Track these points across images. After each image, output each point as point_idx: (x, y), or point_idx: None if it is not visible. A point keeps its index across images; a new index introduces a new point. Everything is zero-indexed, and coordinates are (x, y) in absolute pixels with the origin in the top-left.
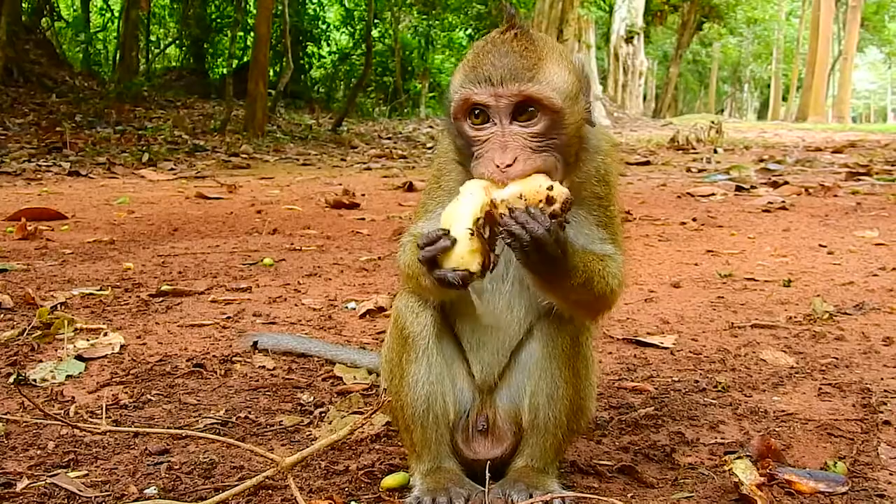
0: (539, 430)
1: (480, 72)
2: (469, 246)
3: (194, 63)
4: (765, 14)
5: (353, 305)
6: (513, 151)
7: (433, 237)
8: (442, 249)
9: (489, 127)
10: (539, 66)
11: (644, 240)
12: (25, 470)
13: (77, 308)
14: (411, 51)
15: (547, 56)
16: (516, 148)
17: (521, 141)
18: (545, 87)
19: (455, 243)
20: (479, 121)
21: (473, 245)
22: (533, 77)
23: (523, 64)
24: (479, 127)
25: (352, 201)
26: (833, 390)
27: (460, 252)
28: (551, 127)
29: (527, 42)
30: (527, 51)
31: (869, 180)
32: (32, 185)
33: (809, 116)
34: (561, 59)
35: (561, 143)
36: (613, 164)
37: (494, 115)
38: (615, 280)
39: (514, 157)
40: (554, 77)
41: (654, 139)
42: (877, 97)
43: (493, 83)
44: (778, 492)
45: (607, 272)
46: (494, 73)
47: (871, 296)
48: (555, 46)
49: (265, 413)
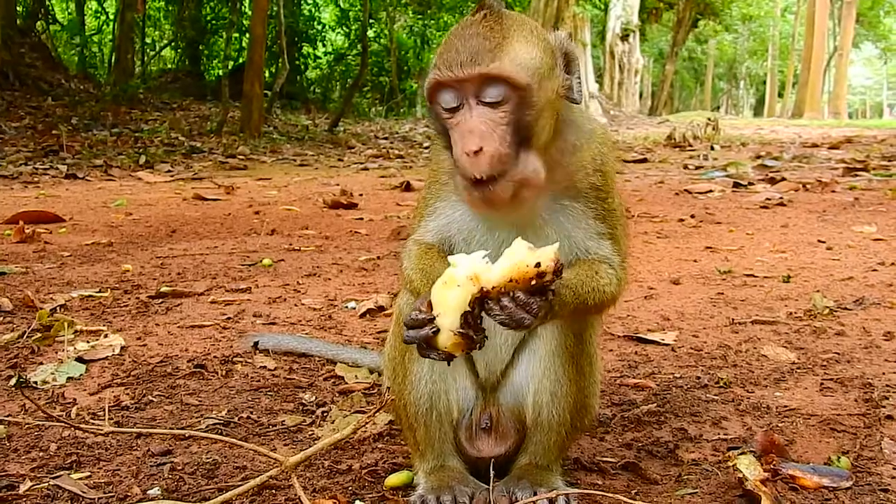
0: (543, 427)
1: (447, 56)
2: (451, 339)
3: (190, 65)
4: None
5: (353, 305)
6: (480, 136)
7: (419, 321)
8: (425, 338)
9: (459, 111)
10: (502, 45)
11: (643, 237)
12: (28, 472)
13: (76, 310)
14: (407, 51)
15: (513, 34)
16: (484, 132)
17: (488, 124)
18: (507, 64)
19: (439, 332)
20: (450, 105)
21: (455, 339)
22: (495, 56)
23: (486, 44)
24: (450, 111)
25: (350, 201)
26: (835, 385)
27: (444, 342)
28: (520, 105)
29: (493, 22)
30: (492, 31)
31: (866, 176)
32: (29, 188)
33: (805, 113)
34: (530, 36)
35: (532, 120)
36: (609, 153)
37: (462, 98)
38: (611, 286)
39: (480, 144)
40: (519, 53)
41: (650, 137)
42: (873, 93)
43: (457, 65)
44: (782, 487)
45: (600, 282)
46: (458, 55)
47: (871, 291)
48: (525, 24)
49: (267, 413)
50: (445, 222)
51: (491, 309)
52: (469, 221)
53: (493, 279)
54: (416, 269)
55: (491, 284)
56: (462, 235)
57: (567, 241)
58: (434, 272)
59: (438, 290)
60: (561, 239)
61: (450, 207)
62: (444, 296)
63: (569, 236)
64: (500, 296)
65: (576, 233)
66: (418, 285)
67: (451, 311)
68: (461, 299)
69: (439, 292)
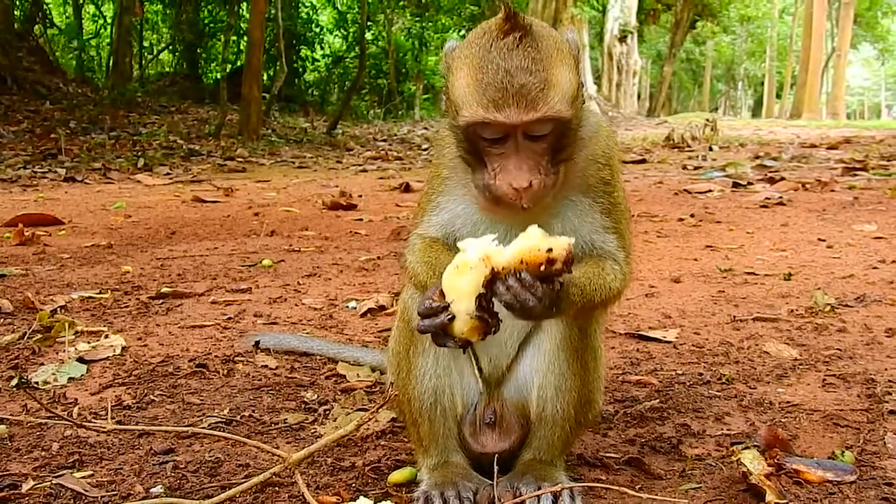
0: (547, 422)
1: (491, 93)
2: (468, 324)
3: (188, 68)
4: (758, 12)
5: (354, 305)
6: (529, 171)
7: (433, 309)
8: (441, 326)
9: (502, 142)
10: (548, 81)
11: (643, 236)
12: (31, 471)
13: (77, 311)
14: (405, 53)
15: (554, 62)
16: (531, 167)
17: (534, 158)
18: (559, 103)
19: (454, 319)
20: (493, 137)
21: (472, 323)
22: (548, 96)
23: (533, 82)
24: (492, 142)
25: (349, 202)
26: (837, 381)
27: (460, 328)
28: (562, 133)
29: (533, 49)
30: (534, 62)
31: (865, 175)
32: (28, 191)
33: (804, 113)
34: (564, 58)
35: (570, 144)
36: (615, 147)
37: (506, 132)
38: (616, 282)
39: (530, 180)
40: (563, 86)
41: (649, 138)
42: (871, 93)
43: (507, 107)
44: (786, 481)
45: (606, 280)
46: (506, 96)
47: (872, 288)
48: (555, 40)
49: (269, 411)
50: (449, 217)
51: (497, 289)
52: (473, 215)
53: (503, 260)
54: (422, 263)
55: (501, 265)
56: (467, 229)
57: (573, 235)
58: (440, 264)
59: (451, 276)
60: (567, 233)
61: (453, 202)
62: (457, 281)
63: (575, 230)
64: (508, 276)
65: (582, 227)
66: (424, 278)
67: (466, 296)
68: (475, 282)
69: (452, 278)
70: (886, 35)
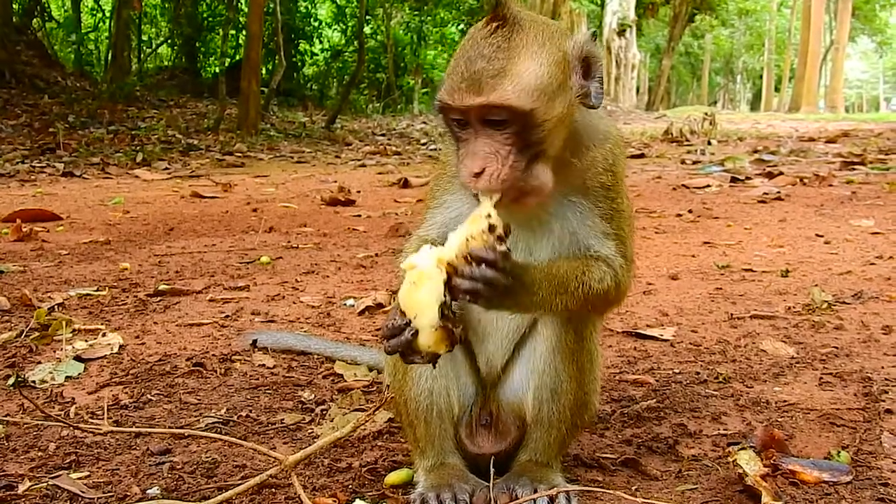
0: (543, 424)
1: (452, 78)
2: (433, 336)
3: (186, 62)
4: (756, 5)
5: (352, 302)
6: (482, 158)
7: (395, 328)
8: (406, 343)
9: (466, 128)
10: (506, 69)
11: (641, 232)
12: (27, 472)
13: (74, 309)
14: (403, 47)
15: (521, 52)
16: (486, 154)
17: (493, 145)
18: (507, 94)
19: (418, 334)
20: (460, 122)
21: (437, 334)
22: (496, 83)
23: (488, 69)
24: (460, 127)
25: (347, 198)
26: (834, 380)
27: (426, 342)
28: (525, 127)
29: (503, 38)
30: (498, 50)
31: (863, 169)
32: (26, 186)
33: (802, 107)
34: (540, 51)
35: (539, 138)
36: (620, 154)
37: (468, 120)
38: (603, 283)
39: (483, 166)
40: (523, 77)
41: (647, 132)
42: (869, 86)
43: (459, 93)
44: (782, 482)
45: (588, 276)
46: (462, 81)
47: (869, 284)
48: (538, 36)
49: (266, 411)
50: (454, 215)
51: (456, 284)
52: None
53: (453, 249)
54: None
55: (454, 255)
56: None
57: (570, 237)
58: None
59: (407, 292)
60: (564, 234)
61: (458, 200)
62: (415, 295)
63: (573, 232)
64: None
65: (580, 229)
66: None
67: (428, 307)
68: (436, 291)
69: (408, 295)
70: (884, 28)
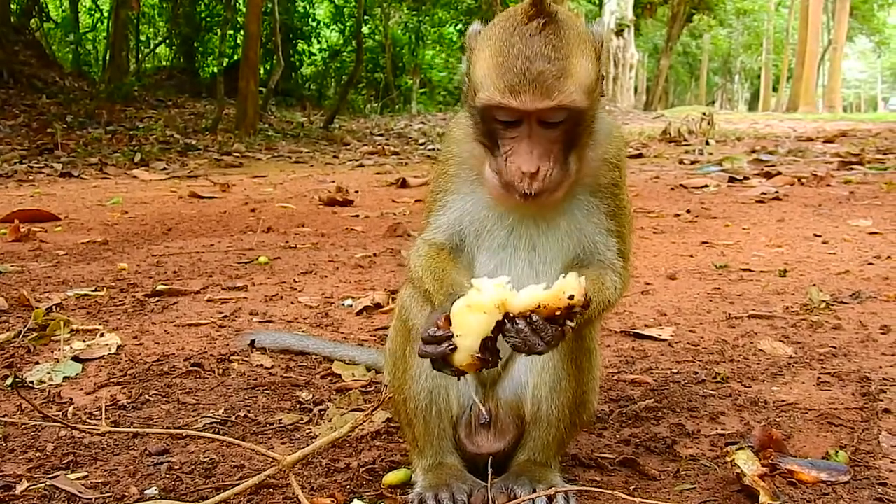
0: (541, 423)
1: (508, 77)
2: (468, 359)
3: (184, 62)
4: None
5: (350, 303)
6: (539, 157)
7: (436, 337)
8: (441, 354)
9: (516, 126)
10: (567, 69)
11: (639, 232)
12: (25, 472)
13: (72, 309)
14: (402, 47)
15: (574, 50)
16: (542, 153)
17: (545, 145)
18: (575, 93)
19: (455, 349)
20: (507, 120)
21: (472, 359)
22: (564, 85)
23: (551, 70)
24: (507, 126)
25: (345, 198)
26: (832, 380)
27: (460, 361)
28: (576, 123)
29: (554, 36)
30: (555, 49)
31: (861, 169)
32: (24, 186)
33: (800, 106)
34: (585, 48)
35: (584, 132)
36: (624, 149)
37: (521, 117)
38: (615, 294)
39: (538, 166)
40: (581, 76)
41: (645, 132)
42: (867, 86)
43: (523, 93)
44: (780, 482)
45: (606, 294)
46: (523, 81)
47: (867, 284)
48: (578, 30)
49: (264, 411)
50: (458, 216)
51: (507, 331)
52: (481, 211)
53: (519, 305)
54: (427, 270)
55: (517, 310)
56: (474, 227)
57: (578, 234)
58: (446, 276)
59: (462, 312)
60: (571, 231)
61: (461, 200)
62: (468, 318)
63: (580, 229)
64: (519, 320)
65: (587, 227)
66: (429, 287)
67: (474, 335)
68: (486, 325)
69: (463, 315)
70: (882, 27)
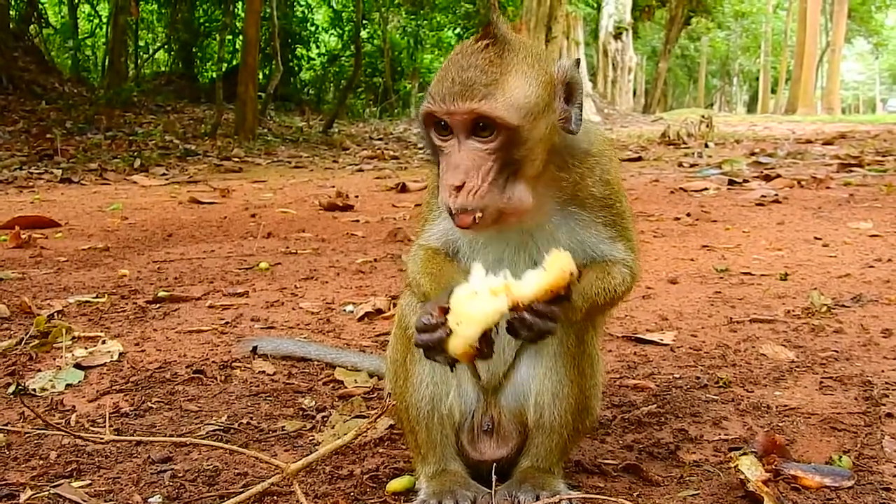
0: (545, 429)
1: (442, 85)
2: (463, 348)
3: (183, 67)
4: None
5: (351, 308)
6: (465, 171)
7: (430, 325)
8: (437, 341)
9: (450, 139)
10: (498, 82)
11: (640, 236)
12: (28, 480)
13: (74, 316)
14: (400, 51)
15: (512, 69)
16: (468, 167)
17: (476, 159)
18: (499, 105)
19: (451, 335)
20: (443, 133)
21: (468, 348)
22: (487, 94)
23: (481, 79)
24: (443, 138)
25: (345, 203)
26: (834, 384)
27: (455, 348)
28: (509, 143)
29: (495, 54)
30: (490, 64)
31: (860, 171)
32: (24, 192)
33: (799, 109)
34: (530, 71)
35: (522, 156)
36: (612, 162)
37: (453, 129)
38: (624, 284)
39: (464, 180)
40: (514, 92)
41: (644, 135)
42: (865, 88)
43: (450, 99)
44: (784, 487)
45: (612, 282)
46: (452, 88)
47: (869, 287)
48: (527, 57)
49: (267, 418)
50: (450, 226)
51: (514, 323)
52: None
53: (529, 293)
54: (425, 274)
55: (527, 299)
56: (466, 239)
57: (580, 246)
58: (443, 276)
59: (464, 299)
60: (574, 243)
61: None
62: (470, 306)
63: (581, 241)
64: (524, 310)
65: (587, 237)
66: (427, 289)
67: (474, 323)
68: (490, 316)
69: (465, 302)
70: (880, 29)
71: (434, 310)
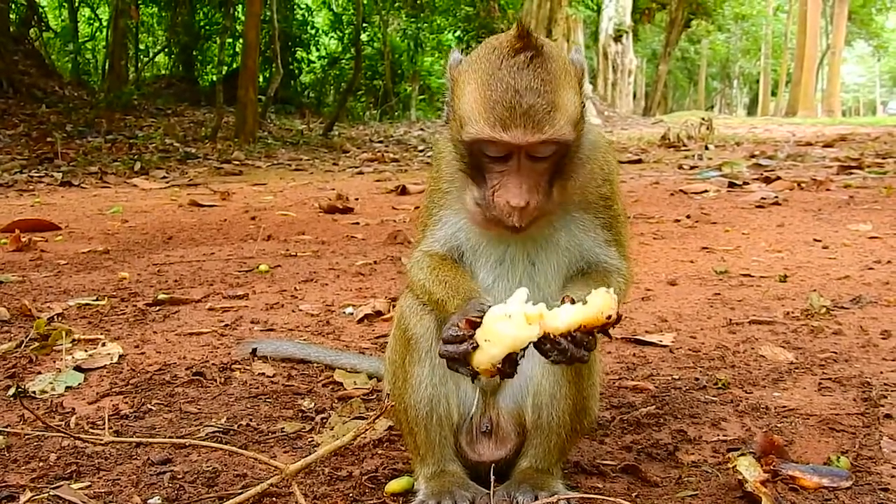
0: (543, 430)
1: (499, 112)
2: (488, 364)
3: (184, 71)
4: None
5: (351, 310)
6: (528, 191)
7: (458, 337)
8: (462, 353)
9: (504, 160)
10: (555, 104)
11: (639, 238)
12: (28, 482)
13: (74, 319)
14: (400, 54)
15: (560, 83)
16: (530, 187)
17: (535, 177)
18: (564, 127)
19: (476, 349)
20: (495, 155)
21: (490, 365)
22: (554, 119)
23: (541, 105)
24: (495, 160)
25: (345, 206)
26: (833, 385)
27: (478, 362)
28: (564, 154)
29: (542, 68)
30: (543, 83)
31: (860, 174)
32: (25, 196)
33: (799, 111)
34: (569, 79)
35: (570, 162)
36: (613, 161)
37: (510, 151)
38: (622, 294)
39: (528, 200)
40: (569, 109)
41: (645, 137)
42: (866, 90)
43: (514, 128)
44: (782, 488)
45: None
46: (515, 117)
47: (868, 289)
48: (560, 61)
49: (266, 420)
50: (453, 231)
51: (548, 349)
52: (476, 228)
53: (561, 327)
54: (437, 281)
55: (560, 332)
56: (470, 243)
57: (578, 249)
58: (457, 283)
59: (497, 320)
60: (572, 247)
61: (455, 215)
62: (502, 330)
63: (580, 245)
64: (560, 337)
65: (586, 242)
66: (440, 297)
67: (503, 346)
68: (519, 341)
69: (498, 323)
70: (880, 31)
71: (461, 322)
